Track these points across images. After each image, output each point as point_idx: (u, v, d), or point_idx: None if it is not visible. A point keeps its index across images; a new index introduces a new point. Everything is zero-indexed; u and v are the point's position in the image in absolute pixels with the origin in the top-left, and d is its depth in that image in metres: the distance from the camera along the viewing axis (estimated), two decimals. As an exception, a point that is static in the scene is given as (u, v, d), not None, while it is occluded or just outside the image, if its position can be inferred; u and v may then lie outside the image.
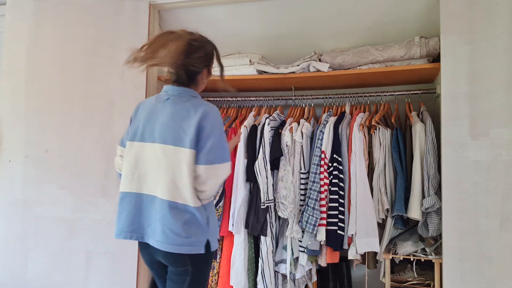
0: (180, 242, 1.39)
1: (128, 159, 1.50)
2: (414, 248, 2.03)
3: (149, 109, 1.51)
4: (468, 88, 1.86)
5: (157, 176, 1.44)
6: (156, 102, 1.52)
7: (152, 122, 1.48)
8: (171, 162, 1.42)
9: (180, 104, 1.47)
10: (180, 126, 1.42)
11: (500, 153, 1.80)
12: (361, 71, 2.19)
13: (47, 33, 2.36)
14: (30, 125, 2.33)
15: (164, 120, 1.45)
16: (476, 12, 1.87)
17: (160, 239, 1.40)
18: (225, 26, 2.41)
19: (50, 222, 2.27)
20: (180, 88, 1.51)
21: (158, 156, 1.44)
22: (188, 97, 1.50)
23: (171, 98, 1.49)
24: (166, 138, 1.43)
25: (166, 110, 1.47)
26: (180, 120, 1.43)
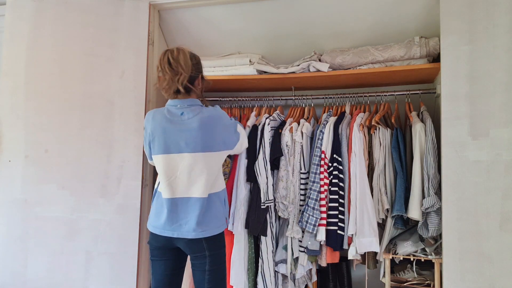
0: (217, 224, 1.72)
1: (161, 170, 1.73)
2: (414, 248, 2.04)
3: (165, 124, 1.72)
4: (468, 88, 1.86)
5: (191, 179, 1.69)
6: (170, 117, 1.72)
7: (173, 135, 1.70)
8: (204, 166, 1.68)
9: (196, 116, 1.70)
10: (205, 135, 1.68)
11: (500, 153, 1.80)
12: (361, 71, 2.19)
13: (47, 33, 2.36)
14: (30, 125, 2.33)
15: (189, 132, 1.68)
16: (476, 12, 1.87)
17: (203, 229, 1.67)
18: (225, 26, 2.41)
19: (50, 222, 2.27)
20: (186, 100, 1.74)
21: (189, 163, 1.68)
22: (198, 107, 1.74)
23: (185, 111, 1.72)
24: (195, 147, 1.68)
25: (185, 123, 1.69)
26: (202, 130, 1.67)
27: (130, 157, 2.23)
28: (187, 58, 1.68)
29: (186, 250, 1.72)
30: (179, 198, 1.70)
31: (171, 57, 1.67)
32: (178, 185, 1.70)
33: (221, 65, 2.41)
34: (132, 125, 2.25)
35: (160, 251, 1.76)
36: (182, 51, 1.69)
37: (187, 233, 1.68)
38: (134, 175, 2.22)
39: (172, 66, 1.66)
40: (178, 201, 1.70)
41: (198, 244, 1.68)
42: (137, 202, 2.21)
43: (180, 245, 1.72)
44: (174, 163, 1.70)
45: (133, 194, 2.21)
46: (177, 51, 1.68)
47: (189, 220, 1.68)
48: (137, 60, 2.28)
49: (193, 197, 1.68)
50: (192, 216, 1.67)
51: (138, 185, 2.22)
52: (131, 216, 2.21)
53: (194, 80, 1.75)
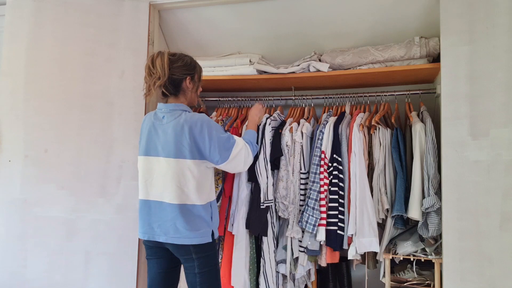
0: (189, 235, 1.66)
1: (140, 171, 1.77)
2: (414, 248, 2.03)
3: (149, 126, 1.75)
4: (468, 88, 1.86)
5: (164, 184, 1.69)
6: (154, 120, 1.75)
7: (153, 138, 1.72)
8: (176, 172, 1.67)
9: (174, 120, 1.70)
10: (178, 140, 1.66)
11: (500, 153, 1.80)
12: (361, 71, 2.19)
13: (47, 33, 2.36)
14: (29, 125, 2.33)
15: (164, 136, 1.69)
16: (476, 12, 1.87)
17: (173, 235, 1.67)
18: (225, 26, 2.41)
19: (49, 222, 2.27)
20: (171, 104, 1.74)
21: (163, 168, 1.69)
22: (180, 111, 1.73)
23: (166, 115, 1.73)
24: (169, 152, 1.67)
25: (164, 127, 1.71)
26: (176, 135, 1.67)
27: (129, 157, 2.23)
28: (165, 61, 1.68)
29: (174, 252, 1.73)
30: (153, 201, 1.72)
31: (150, 61, 1.71)
32: (153, 188, 1.72)
33: (221, 65, 2.41)
34: (131, 125, 2.24)
35: (153, 250, 1.78)
36: (161, 55, 1.70)
37: (158, 236, 1.69)
38: (134, 175, 2.22)
39: (150, 70, 1.70)
40: (152, 203, 1.72)
41: (184, 247, 1.68)
42: (136, 202, 2.18)
43: (168, 246, 1.72)
44: (151, 165, 1.72)
45: (133, 194, 2.21)
46: (156, 55, 1.71)
47: (162, 223, 1.69)
48: (137, 60, 2.28)
49: (165, 202, 1.69)
50: (164, 219, 1.68)
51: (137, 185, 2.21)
52: (131, 216, 2.20)
53: (179, 83, 1.74)
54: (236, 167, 1.83)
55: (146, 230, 1.73)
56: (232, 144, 1.76)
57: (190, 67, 1.79)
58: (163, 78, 1.68)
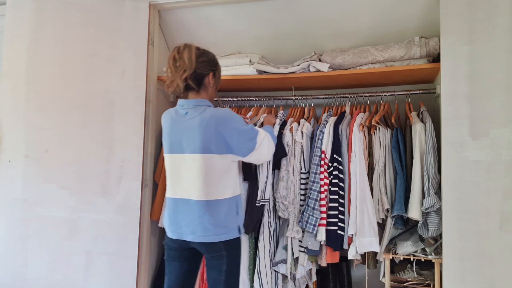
0: (218, 232, 1.64)
1: (166, 169, 1.75)
2: (414, 248, 2.03)
3: (171, 123, 1.73)
4: (468, 88, 1.86)
5: (191, 181, 1.66)
6: (176, 116, 1.72)
7: (177, 135, 1.69)
8: (202, 168, 1.64)
9: (199, 116, 1.66)
10: (205, 136, 1.63)
11: (500, 153, 1.80)
12: (361, 71, 2.19)
13: (47, 33, 2.36)
14: (30, 125, 2.33)
15: (188, 132, 1.66)
16: (476, 12, 1.87)
17: (201, 234, 1.64)
18: (225, 26, 2.41)
19: (50, 222, 2.27)
20: (194, 100, 1.70)
21: (189, 164, 1.66)
22: (204, 107, 1.69)
23: (189, 111, 1.69)
24: (195, 148, 1.65)
25: (188, 122, 1.67)
26: (202, 130, 1.63)
27: (130, 157, 2.23)
28: (192, 55, 1.64)
29: (202, 251, 1.70)
30: (180, 199, 1.70)
31: (176, 53, 1.65)
32: (179, 185, 1.70)
33: (221, 65, 2.40)
34: (132, 125, 2.25)
35: (176, 252, 1.74)
36: (189, 47, 1.66)
37: (186, 235, 1.67)
38: (134, 175, 2.22)
39: (176, 62, 1.64)
40: (179, 201, 1.70)
41: (214, 245, 1.65)
42: (137, 202, 2.21)
43: (194, 245, 1.69)
44: (177, 163, 1.70)
45: (133, 194, 2.21)
46: (183, 47, 1.66)
47: (189, 222, 1.66)
48: (137, 60, 2.28)
49: (192, 200, 1.66)
50: (191, 218, 1.66)
51: (138, 185, 2.22)
52: (131, 216, 2.21)
53: (202, 78, 1.70)
54: (261, 157, 1.82)
55: (174, 229, 1.70)
56: (255, 134, 1.75)
57: (214, 63, 1.77)
58: (189, 71, 1.64)
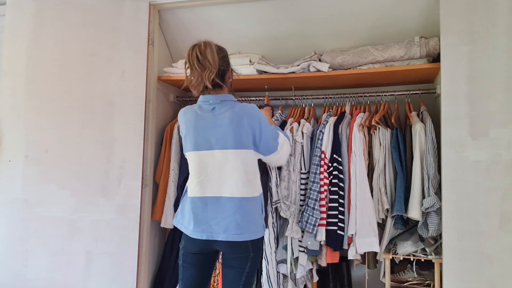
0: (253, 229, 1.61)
1: (191, 168, 1.69)
2: (414, 248, 2.04)
3: (196, 120, 1.67)
4: (468, 88, 1.86)
5: (222, 178, 1.62)
6: (201, 113, 1.67)
7: (203, 131, 1.64)
8: (235, 164, 1.61)
9: (229, 110, 1.63)
10: (237, 131, 1.60)
11: (500, 153, 1.80)
12: (361, 71, 2.19)
13: (47, 33, 2.36)
14: (30, 125, 2.33)
15: (218, 127, 1.62)
16: (476, 12, 1.87)
17: (234, 232, 1.58)
18: (225, 26, 2.41)
19: (50, 222, 2.27)
20: (219, 95, 1.67)
21: (219, 160, 1.62)
22: (231, 102, 1.67)
23: (217, 106, 1.65)
24: (226, 143, 1.61)
25: (216, 118, 1.63)
26: (235, 125, 1.60)
27: (130, 157, 2.23)
28: (214, 53, 1.62)
29: (227, 251, 1.64)
30: (210, 197, 1.63)
31: (199, 52, 1.61)
32: (208, 184, 1.63)
33: (221, 65, 2.41)
34: (132, 125, 2.25)
35: (195, 257, 1.68)
36: (209, 45, 1.63)
37: (218, 235, 1.60)
38: (134, 175, 2.22)
39: (201, 62, 1.60)
40: (208, 200, 1.63)
41: (243, 244, 1.60)
42: (137, 202, 2.21)
43: (220, 248, 1.64)
44: (205, 160, 1.64)
45: (134, 194, 2.21)
46: (204, 46, 1.62)
47: (221, 220, 1.60)
48: (137, 60, 2.28)
49: (224, 197, 1.61)
50: (223, 216, 1.60)
51: (138, 185, 2.22)
52: (131, 216, 2.21)
53: (224, 74, 1.69)
54: (281, 158, 1.80)
55: (204, 228, 1.61)
56: (278, 134, 1.75)
57: (228, 58, 1.75)
58: (215, 70, 1.60)
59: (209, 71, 1.60)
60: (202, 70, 1.61)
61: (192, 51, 1.62)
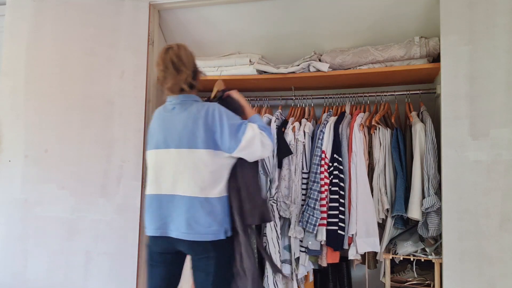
0: (204, 231, 1.58)
1: (150, 166, 1.72)
2: (414, 248, 2.03)
3: (159, 120, 1.72)
4: (468, 88, 1.86)
5: (176, 177, 1.62)
6: (164, 112, 1.71)
7: (163, 130, 1.67)
8: (189, 163, 1.61)
9: (186, 111, 1.64)
10: (191, 130, 1.61)
11: (500, 153, 1.80)
12: (361, 71, 2.19)
13: (47, 33, 2.36)
14: (30, 125, 2.33)
15: (175, 127, 1.64)
16: (476, 12, 1.87)
17: (185, 231, 1.58)
18: (225, 26, 2.41)
19: (50, 222, 2.27)
20: (182, 95, 1.68)
21: (174, 159, 1.63)
22: (191, 102, 1.68)
23: (176, 107, 1.68)
24: (181, 142, 1.62)
25: (174, 118, 1.66)
26: (189, 125, 1.61)
27: (130, 157, 2.23)
28: (188, 54, 1.64)
29: (189, 252, 1.65)
30: (164, 195, 1.64)
31: (174, 55, 1.62)
32: (163, 182, 1.65)
33: (221, 65, 2.41)
34: (132, 125, 2.24)
35: (161, 257, 1.68)
36: (183, 48, 1.65)
37: (171, 232, 1.61)
38: (134, 175, 2.22)
39: (176, 65, 1.61)
40: (163, 198, 1.64)
41: (200, 244, 1.59)
42: (137, 202, 2.21)
43: (182, 248, 1.64)
44: (162, 158, 1.66)
45: (133, 194, 2.21)
46: (178, 48, 1.64)
47: (174, 218, 1.61)
48: (137, 60, 2.28)
49: (177, 195, 1.61)
50: (176, 213, 1.60)
51: (138, 185, 2.22)
52: (131, 216, 2.20)
53: (196, 76, 1.71)
54: (254, 153, 1.67)
55: (159, 225, 1.63)
56: (244, 130, 1.62)
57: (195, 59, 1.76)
58: (190, 72, 1.63)
59: (185, 74, 1.62)
60: (179, 73, 1.62)
61: (166, 54, 1.63)
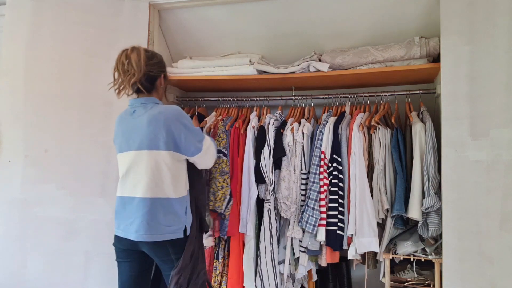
0: (162, 231, 1.61)
1: (119, 169, 1.73)
2: (414, 248, 2.03)
3: (121, 123, 1.74)
4: (468, 88, 1.86)
5: (136, 178, 1.64)
6: (125, 116, 1.73)
7: (125, 133, 1.69)
8: (148, 165, 1.62)
9: (147, 113, 1.66)
10: (152, 132, 1.62)
11: (500, 153, 1.80)
12: (361, 71, 2.19)
13: (46, 33, 2.35)
14: (29, 125, 2.32)
15: (136, 129, 1.65)
16: (476, 12, 1.87)
17: (144, 232, 1.60)
18: (225, 26, 2.41)
19: (49, 222, 2.27)
20: (140, 99, 1.70)
21: (135, 161, 1.65)
22: (152, 104, 1.69)
23: (137, 109, 1.69)
24: (141, 144, 1.63)
25: (135, 120, 1.67)
26: (150, 127, 1.62)
27: (129, 157, 2.22)
28: (141, 58, 1.63)
29: (151, 255, 1.67)
30: (127, 197, 1.67)
31: (124, 57, 1.64)
32: (126, 184, 1.67)
33: (221, 65, 2.41)
34: (131, 125, 2.24)
35: (125, 253, 1.72)
36: (137, 50, 1.64)
37: (131, 234, 1.63)
38: (134, 175, 2.21)
39: (124, 66, 1.63)
40: (126, 200, 1.67)
41: (162, 247, 1.62)
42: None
43: (144, 249, 1.66)
44: (125, 161, 1.68)
45: (133, 194, 2.21)
46: (131, 51, 1.65)
47: (134, 220, 1.62)
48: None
49: (137, 197, 1.63)
50: (136, 216, 1.62)
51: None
52: (131, 216, 2.20)
53: (154, 80, 1.71)
54: (207, 161, 1.80)
55: (123, 227, 1.67)
56: (203, 137, 1.74)
57: (163, 64, 1.77)
58: (138, 75, 1.62)
59: (131, 75, 1.62)
60: (124, 75, 1.63)
61: (120, 56, 1.66)
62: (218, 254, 2.31)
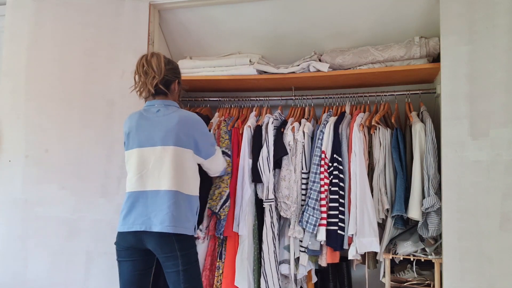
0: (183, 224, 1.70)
1: (132, 164, 1.78)
2: (414, 248, 2.04)
3: (140, 120, 1.80)
4: (468, 88, 1.86)
5: (161, 173, 1.71)
6: (146, 114, 1.81)
7: (148, 130, 1.77)
8: (174, 160, 1.72)
9: (173, 113, 1.78)
10: (179, 131, 1.74)
11: (500, 153, 1.80)
12: (361, 71, 2.19)
13: (47, 33, 2.36)
14: (30, 125, 2.33)
15: (162, 126, 1.75)
16: (476, 12, 1.87)
17: (169, 224, 1.66)
18: (226, 26, 2.41)
19: (50, 222, 2.27)
20: (164, 100, 1.82)
21: (160, 156, 1.72)
22: (175, 108, 1.83)
23: (161, 109, 1.80)
24: (168, 140, 1.73)
25: (161, 119, 1.77)
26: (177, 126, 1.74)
27: (130, 157, 2.23)
28: (161, 62, 1.76)
29: (156, 251, 1.70)
30: (150, 191, 1.72)
31: (145, 60, 1.77)
32: (149, 178, 1.73)
33: (221, 65, 2.41)
34: (132, 125, 2.24)
35: (128, 252, 1.76)
36: (157, 55, 1.78)
37: (155, 226, 1.66)
38: (134, 175, 2.21)
39: (145, 69, 1.76)
40: (149, 194, 1.72)
41: (169, 243, 1.67)
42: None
43: (150, 245, 1.70)
44: (147, 156, 1.74)
45: (133, 194, 2.21)
46: (151, 55, 1.78)
47: (158, 212, 1.68)
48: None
49: (162, 190, 1.70)
50: (161, 208, 1.68)
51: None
52: (131, 216, 2.20)
53: (169, 84, 1.83)
54: (217, 167, 1.99)
55: (143, 221, 1.70)
56: (215, 142, 1.99)
57: (178, 71, 1.91)
58: (159, 77, 1.75)
59: (152, 77, 1.75)
60: (146, 77, 1.76)
61: (140, 60, 1.79)
62: (221, 254, 2.31)
